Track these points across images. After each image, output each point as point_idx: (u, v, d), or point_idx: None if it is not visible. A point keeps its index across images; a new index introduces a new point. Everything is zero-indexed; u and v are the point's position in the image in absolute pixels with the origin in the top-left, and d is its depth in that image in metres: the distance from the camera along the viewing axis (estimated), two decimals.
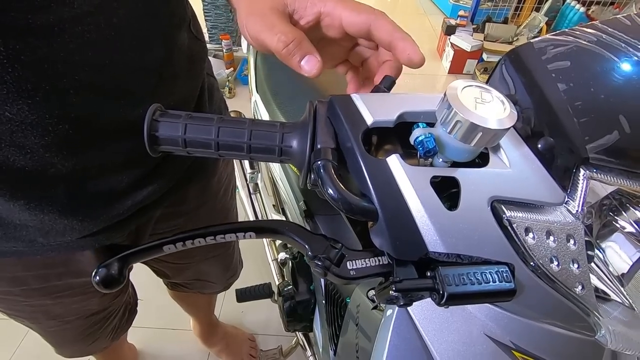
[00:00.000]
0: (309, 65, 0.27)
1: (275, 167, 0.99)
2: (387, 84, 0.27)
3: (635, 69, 0.22)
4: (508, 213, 0.22)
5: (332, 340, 0.77)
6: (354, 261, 0.24)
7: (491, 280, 0.21)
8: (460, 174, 0.22)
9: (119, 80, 0.35)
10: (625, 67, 0.22)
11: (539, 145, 0.22)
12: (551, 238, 0.22)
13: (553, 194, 0.22)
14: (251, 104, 1.04)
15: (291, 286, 0.96)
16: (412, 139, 0.22)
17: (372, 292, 0.66)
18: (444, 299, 0.21)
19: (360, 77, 0.36)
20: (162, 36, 0.39)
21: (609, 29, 0.23)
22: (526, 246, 0.22)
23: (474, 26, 2.54)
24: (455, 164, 0.22)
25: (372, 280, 0.69)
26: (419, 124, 0.22)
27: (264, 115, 0.91)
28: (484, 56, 2.45)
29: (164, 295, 0.91)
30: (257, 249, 1.32)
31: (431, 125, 0.22)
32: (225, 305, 1.28)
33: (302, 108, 0.84)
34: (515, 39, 2.52)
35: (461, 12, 2.70)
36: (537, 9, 2.63)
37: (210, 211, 0.59)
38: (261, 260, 1.25)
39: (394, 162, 0.22)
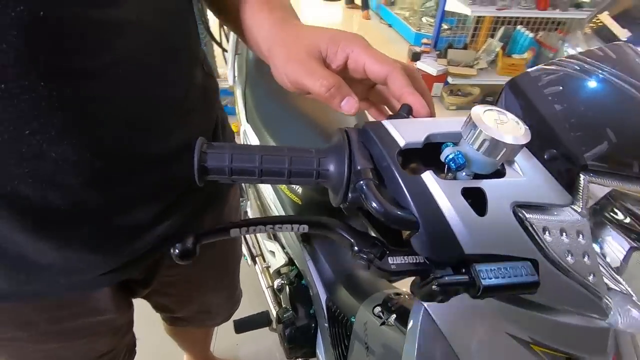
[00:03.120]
0: (348, 105, 0.31)
1: (268, 193, 1.01)
2: (406, 111, 0.31)
3: (612, 90, 0.27)
4: (528, 215, 0.25)
5: None
6: (394, 257, 0.26)
7: (518, 274, 0.24)
8: (484, 184, 0.25)
9: (146, 115, 0.37)
10: (605, 89, 0.27)
11: (545, 157, 0.26)
12: (564, 235, 0.26)
13: (561, 197, 0.26)
14: (240, 134, 1.06)
15: (291, 312, 0.95)
16: (443, 157, 0.25)
17: (378, 309, 0.68)
18: (480, 291, 0.24)
19: (381, 111, 0.40)
20: (182, 73, 0.41)
21: (588, 59, 0.28)
22: (546, 244, 0.25)
23: (437, 52, 2.72)
24: (477, 176, 0.26)
25: (379, 296, 0.70)
26: (447, 143, 0.26)
27: (255, 144, 0.94)
28: (449, 79, 2.62)
29: (157, 333, 0.88)
30: (249, 278, 1.30)
31: (455, 144, 0.26)
32: (219, 340, 1.24)
33: (294, 135, 0.89)
34: (475, 62, 2.72)
35: (425, 40, 2.89)
36: (492, 35, 2.87)
37: (224, 241, 0.60)
38: (254, 289, 1.23)
39: (429, 177, 0.25)
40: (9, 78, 0.27)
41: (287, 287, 1.01)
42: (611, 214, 0.27)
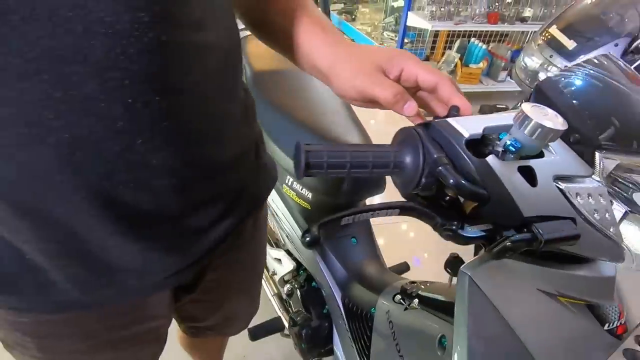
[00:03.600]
0: (410, 108, 0.38)
1: (277, 203, 1.05)
2: (455, 110, 0.38)
3: (611, 88, 0.36)
4: (564, 185, 0.33)
5: (362, 355, 0.82)
6: (469, 227, 0.33)
7: (565, 229, 0.32)
8: (533, 163, 0.33)
9: (218, 127, 0.42)
10: (606, 87, 0.36)
11: (570, 140, 0.35)
12: (590, 198, 0.34)
13: (585, 169, 0.34)
14: None
15: (304, 312, 0.99)
16: (502, 145, 0.33)
17: (398, 297, 0.74)
18: (542, 244, 0.31)
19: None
20: (238, 89, 0.47)
21: (589, 67, 0.37)
22: (578, 205, 0.33)
23: None
24: (522, 158, 0.34)
25: (395, 286, 0.77)
26: (503, 133, 0.33)
27: None
28: None
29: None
30: None
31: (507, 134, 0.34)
32: (227, 352, 1.24)
33: (294, 140, 0.94)
34: None
35: None
36: (449, 48, 3.11)
37: (257, 244, 0.65)
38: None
39: (493, 160, 0.32)
40: (134, 95, 0.31)
41: (297, 291, 1.05)
42: (615, 186, 0.36)
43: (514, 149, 0.32)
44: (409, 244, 1.84)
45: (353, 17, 4.34)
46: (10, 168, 0.30)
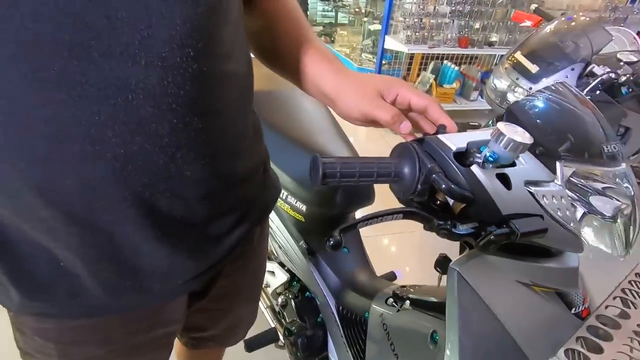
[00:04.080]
0: (405, 127, 0.45)
1: (271, 217, 1.09)
2: (443, 129, 0.46)
3: (566, 109, 0.45)
4: (533, 188, 0.41)
5: (358, 359, 0.87)
6: (460, 226, 0.40)
7: (536, 224, 0.39)
8: (507, 170, 0.40)
9: (237, 144, 0.48)
10: (562, 109, 0.45)
11: (537, 152, 0.43)
12: (554, 198, 0.42)
13: (549, 175, 0.42)
14: None
15: (299, 322, 1.03)
16: (482, 156, 0.40)
17: (390, 300, 0.80)
18: (519, 236, 0.38)
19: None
20: (251, 110, 0.53)
21: (548, 93, 0.46)
22: (545, 205, 0.41)
23: None
24: (499, 167, 0.41)
25: (387, 291, 0.83)
26: (483, 147, 0.40)
27: None
28: None
29: None
30: None
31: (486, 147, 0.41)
32: None
33: (290, 156, 1.01)
34: None
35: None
36: (424, 69, 3.29)
37: (262, 249, 0.69)
38: None
39: (476, 168, 0.40)
40: (180, 116, 0.37)
41: (291, 301, 1.09)
42: (576, 191, 0.44)
43: (492, 159, 0.39)
44: (391, 258, 1.91)
45: (332, 39, 4.52)
46: (70, 180, 0.35)
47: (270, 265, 1.19)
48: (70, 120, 0.32)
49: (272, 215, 1.09)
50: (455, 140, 0.42)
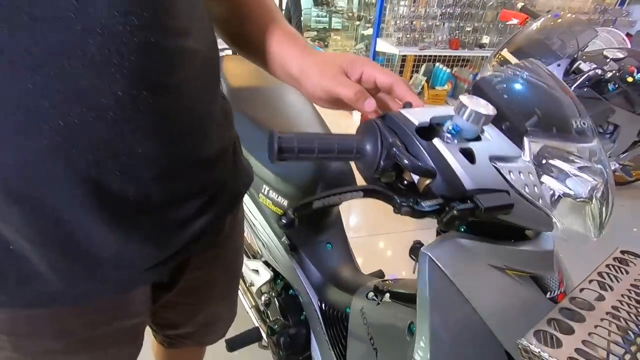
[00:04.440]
0: (369, 105, 0.43)
1: (254, 213, 1.08)
2: (408, 106, 0.44)
3: (534, 84, 0.43)
4: (499, 163, 0.39)
5: (340, 358, 0.85)
6: (424, 202, 0.38)
7: (501, 199, 0.38)
8: (472, 145, 0.39)
9: (201, 125, 0.46)
10: (530, 84, 0.43)
11: (503, 127, 0.41)
12: (521, 174, 0.40)
13: (515, 151, 0.41)
14: None
15: (282, 320, 1.01)
16: (445, 128, 0.38)
17: (371, 294, 0.78)
18: (483, 211, 0.36)
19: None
20: (218, 92, 0.51)
21: (516, 68, 0.45)
22: (511, 180, 0.39)
23: None
24: (463, 141, 0.40)
25: (369, 285, 0.81)
26: (447, 120, 0.39)
27: None
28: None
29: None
30: None
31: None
32: None
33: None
34: None
35: None
36: (416, 71, 3.30)
37: (235, 243, 0.67)
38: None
39: (438, 142, 0.38)
40: (125, 88, 0.35)
41: (275, 299, 1.06)
42: (552, 171, 0.42)
43: (454, 132, 0.37)
44: (385, 261, 1.89)
45: (326, 43, 4.55)
46: (6, 154, 0.33)
47: (255, 264, 1.16)
48: (1, 89, 0.30)
49: (255, 212, 1.07)
50: (418, 115, 0.40)
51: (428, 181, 0.39)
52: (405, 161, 0.37)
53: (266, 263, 1.15)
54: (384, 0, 2.77)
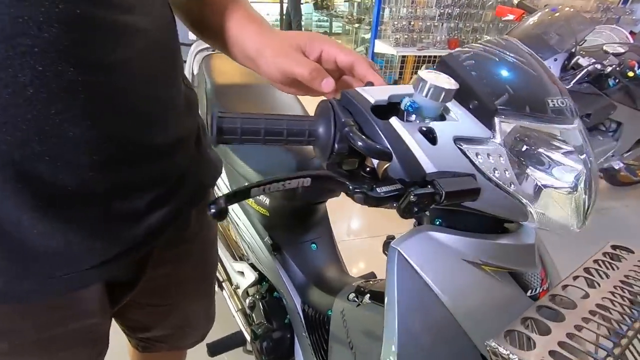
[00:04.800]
0: (327, 84, 0.40)
1: (237, 213, 1.04)
2: (370, 86, 0.41)
3: (506, 61, 0.40)
4: (464, 145, 0.36)
5: None
6: (380, 188, 0.35)
7: (466, 184, 0.34)
8: (433, 124, 0.35)
9: (153, 110, 0.43)
10: (501, 61, 0.40)
11: (470, 106, 0.38)
12: (490, 157, 0.36)
13: (484, 132, 0.37)
14: None
15: (265, 324, 0.97)
16: (402, 106, 0.35)
17: (352, 295, 0.74)
18: (443, 197, 0.33)
19: None
20: (175, 79, 0.48)
21: (488, 45, 0.41)
22: (478, 163, 0.36)
23: None
24: (426, 121, 0.36)
25: (352, 287, 0.77)
26: (404, 97, 0.36)
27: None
28: None
29: None
30: (218, 305, 1.27)
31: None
32: None
33: (262, 152, 0.97)
34: None
35: None
36: (416, 72, 3.27)
37: (204, 239, 0.64)
38: (223, 316, 1.21)
39: (395, 121, 0.35)
40: (46, 63, 0.32)
41: (259, 302, 1.03)
42: (532, 159, 0.38)
43: (412, 109, 0.34)
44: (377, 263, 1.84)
45: None
46: None
47: (240, 266, 1.13)
48: None
49: (239, 212, 1.04)
50: (375, 93, 0.37)
51: (386, 165, 0.36)
52: (359, 143, 0.33)
53: (252, 265, 1.11)
54: (382, 1, 2.75)
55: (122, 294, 0.56)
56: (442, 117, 0.37)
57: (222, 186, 1.09)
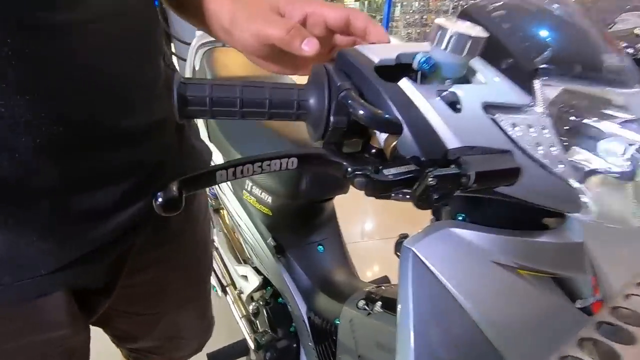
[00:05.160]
0: (309, 45, 0.32)
1: (239, 213, 0.98)
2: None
3: (545, 11, 0.31)
4: (497, 114, 0.28)
5: None
6: (389, 169, 0.27)
7: (501, 162, 0.26)
8: (455, 87, 0.27)
9: (117, 89, 0.37)
10: (543, 10, 0.31)
11: (503, 66, 0.29)
12: (532, 130, 0.28)
13: (521, 98, 0.29)
14: None
15: (269, 333, 0.89)
16: (415, 64, 0.27)
17: (362, 303, 0.66)
18: (472, 180, 0.25)
19: None
20: (152, 58, 0.42)
21: None
22: (516, 137, 0.27)
23: None
24: (446, 83, 0.28)
25: (362, 293, 0.69)
26: (417, 54, 0.28)
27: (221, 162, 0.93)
28: None
29: None
30: (222, 311, 1.20)
31: None
32: None
33: (262, 145, 0.90)
34: None
35: None
36: None
37: (191, 239, 0.57)
38: (227, 323, 1.14)
39: (406, 83, 0.27)
40: None
41: (263, 309, 0.95)
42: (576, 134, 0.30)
43: (427, 66, 0.26)
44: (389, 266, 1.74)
45: None
46: None
47: (243, 270, 1.06)
48: None
49: (240, 212, 0.97)
50: (379, 51, 0.29)
51: (395, 141, 0.28)
52: (359, 110, 0.26)
53: (256, 269, 1.04)
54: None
55: (97, 302, 0.49)
56: (465, 80, 0.29)
57: (224, 185, 1.03)
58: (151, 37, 0.42)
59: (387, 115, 0.26)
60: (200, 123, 1.06)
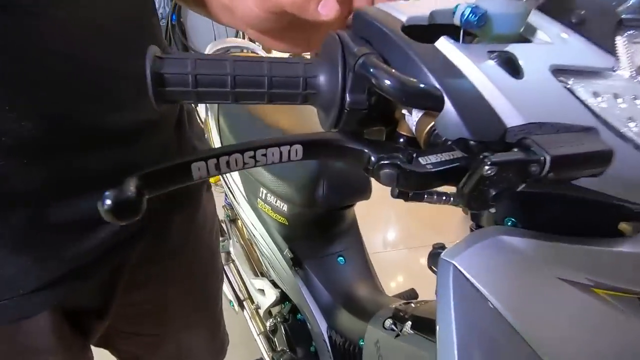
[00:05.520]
0: (327, 8, 0.26)
1: (254, 223, 0.92)
2: None
3: None
4: (572, 80, 0.20)
5: None
6: (426, 157, 0.20)
7: (586, 142, 0.19)
8: (512, 47, 0.20)
9: (99, 81, 0.32)
10: None
11: (573, 20, 0.22)
12: (620, 99, 0.21)
13: (602, 60, 0.21)
14: None
15: (288, 353, 0.83)
16: (457, 18, 0.20)
17: (389, 322, 0.59)
18: (547, 165, 0.18)
19: None
20: (141, 49, 0.37)
21: None
22: (600, 110, 0.20)
23: None
24: (499, 42, 0.21)
25: (388, 310, 0.61)
26: (459, 5, 0.21)
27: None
28: None
29: None
30: (239, 327, 1.15)
31: None
32: None
33: None
34: None
35: None
36: None
37: (195, 253, 0.51)
38: (244, 340, 1.08)
39: (445, 43, 0.20)
40: None
41: (281, 326, 0.89)
42: None
43: (474, 18, 0.19)
44: (428, 281, 1.65)
45: None
46: None
47: (260, 283, 1.00)
48: None
49: (255, 221, 0.92)
50: (407, 8, 0.23)
51: (432, 122, 0.21)
52: (386, 80, 0.19)
53: (273, 282, 0.98)
54: None
55: (93, 323, 0.44)
56: (523, 40, 0.22)
57: (238, 194, 0.98)
58: (143, 25, 0.37)
59: (422, 85, 0.19)
60: (212, 124, 1.02)
